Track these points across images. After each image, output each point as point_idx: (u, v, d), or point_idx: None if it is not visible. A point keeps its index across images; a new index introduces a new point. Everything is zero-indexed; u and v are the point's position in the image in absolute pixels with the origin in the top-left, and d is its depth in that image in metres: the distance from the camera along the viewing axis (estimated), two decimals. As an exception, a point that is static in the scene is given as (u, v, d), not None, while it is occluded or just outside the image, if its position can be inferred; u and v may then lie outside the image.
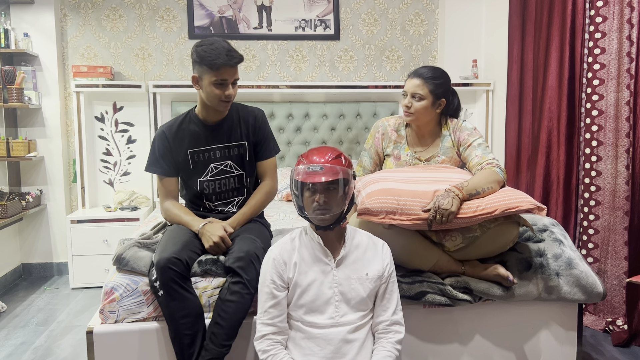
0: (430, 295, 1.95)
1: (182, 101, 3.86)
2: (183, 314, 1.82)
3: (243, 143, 2.18)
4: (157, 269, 1.83)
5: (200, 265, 1.95)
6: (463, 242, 1.97)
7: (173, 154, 2.12)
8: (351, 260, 1.72)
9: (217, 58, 2.01)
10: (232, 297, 1.82)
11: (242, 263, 1.85)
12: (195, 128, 2.14)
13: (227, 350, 1.81)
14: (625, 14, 2.66)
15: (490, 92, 3.93)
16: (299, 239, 1.75)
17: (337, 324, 1.67)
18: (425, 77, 2.13)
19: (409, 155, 2.25)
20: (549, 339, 2.10)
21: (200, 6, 3.96)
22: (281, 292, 1.69)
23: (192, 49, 2.09)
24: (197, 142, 2.13)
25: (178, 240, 1.94)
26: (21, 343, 2.75)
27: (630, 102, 2.67)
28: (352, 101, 4.03)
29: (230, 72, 2.04)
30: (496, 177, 2.00)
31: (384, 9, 4.11)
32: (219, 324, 1.80)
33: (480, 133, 2.21)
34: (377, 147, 2.30)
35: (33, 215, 3.86)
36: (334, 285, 1.68)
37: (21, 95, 3.59)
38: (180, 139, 2.13)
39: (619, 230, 2.73)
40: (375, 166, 2.32)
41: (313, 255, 1.71)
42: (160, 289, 1.83)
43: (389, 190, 1.92)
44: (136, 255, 1.98)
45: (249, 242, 1.95)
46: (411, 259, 1.98)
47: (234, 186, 2.19)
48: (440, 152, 2.23)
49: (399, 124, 2.30)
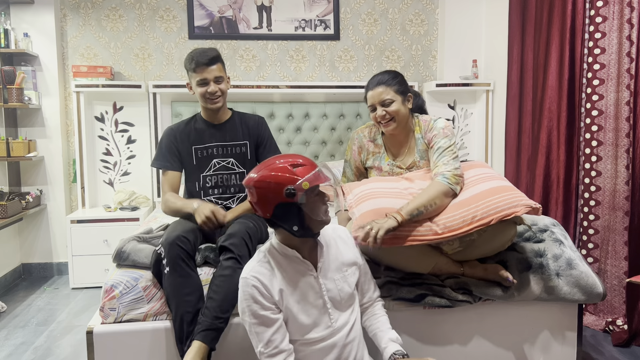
0: (430, 297, 1.95)
1: (182, 101, 3.86)
2: (187, 292, 1.87)
3: (245, 142, 2.33)
4: (165, 245, 1.89)
5: (200, 252, 2.01)
6: (460, 245, 1.97)
7: (179, 149, 2.29)
8: (329, 261, 1.67)
9: (191, 61, 2.21)
10: (225, 271, 1.86)
11: (234, 240, 1.92)
12: (200, 126, 2.33)
13: (221, 323, 1.81)
14: (625, 14, 2.66)
15: (490, 92, 3.93)
16: (273, 260, 1.61)
17: (334, 331, 1.63)
18: (384, 81, 2.10)
19: (389, 165, 2.21)
20: (549, 339, 2.10)
21: (200, 6, 3.96)
22: (277, 314, 1.56)
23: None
24: (201, 138, 2.30)
25: (186, 226, 2.03)
26: (21, 343, 2.75)
27: (630, 102, 2.67)
28: (352, 101, 4.03)
29: (207, 70, 2.19)
30: (440, 188, 1.90)
31: (384, 9, 4.11)
32: (212, 298, 1.84)
33: (449, 132, 2.07)
34: (355, 160, 2.28)
35: (33, 215, 3.86)
36: (324, 294, 1.63)
37: (21, 95, 3.59)
38: (186, 134, 2.31)
39: (619, 230, 2.73)
40: (358, 176, 2.32)
41: (294, 272, 1.61)
42: (166, 265, 1.88)
43: (381, 210, 1.89)
44: (136, 248, 2.03)
45: (241, 224, 2.03)
46: (410, 263, 1.97)
47: (235, 183, 2.31)
48: (418, 157, 2.18)
49: (374, 132, 2.25)
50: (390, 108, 2.09)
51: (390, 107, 2.09)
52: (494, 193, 1.89)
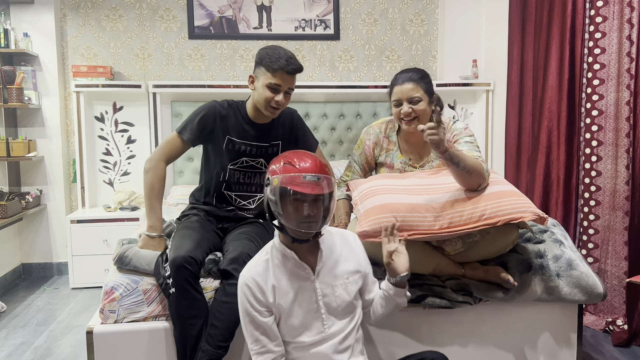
0: (431, 298, 1.95)
1: (182, 101, 3.86)
2: (191, 315, 1.83)
3: (278, 142, 2.20)
4: (172, 267, 1.83)
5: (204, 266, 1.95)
6: (463, 246, 1.96)
7: (214, 129, 2.13)
8: (330, 266, 1.63)
9: (276, 61, 2.02)
10: (228, 298, 1.82)
11: (236, 265, 1.85)
12: (241, 121, 2.16)
13: (224, 351, 1.80)
14: (625, 14, 2.66)
15: (490, 92, 3.92)
16: (271, 258, 1.61)
17: (326, 337, 1.59)
18: (415, 79, 2.09)
19: (402, 163, 2.21)
20: (549, 340, 2.10)
21: (200, 6, 3.95)
22: (266, 317, 1.55)
23: (257, 52, 2.11)
24: (238, 134, 2.15)
25: (193, 237, 1.97)
26: (21, 343, 2.75)
27: (630, 102, 2.67)
28: (352, 101, 4.03)
29: (285, 78, 2.03)
30: (480, 169, 1.88)
31: (384, 8, 4.11)
32: (215, 326, 1.81)
33: (470, 132, 2.11)
34: (367, 155, 2.26)
35: (33, 215, 3.86)
36: (319, 298, 1.59)
37: (21, 95, 3.59)
38: (226, 121, 2.14)
39: (619, 230, 2.73)
40: (364, 173, 2.29)
41: (290, 272, 1.59)
42: (172, 286, 1.83)
43: (386, 206, 1.88)
44: (138, 254, 1.98)
45: (243, 243, 1.95)
46: (410, 263, 1.96)
47: (259, 182, 2.21)
48: (433, 157, 2.19)
49: (389, 128, 2.25)
50: (418, 107, 2.07)
51: (418, 105, 2.07)
52: (504, 196, 1.89)
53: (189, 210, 2.24)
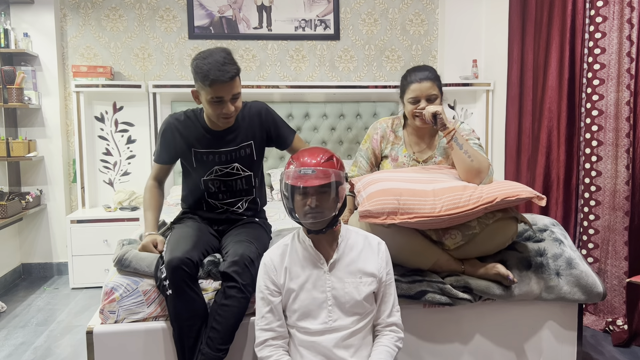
0: (431, 294, 1.95)
1: (182, 101, 3.86)
2: (189, 316, 1.83)
3: (249, 143, 2.12)
4: (168, 268, 1.82)
5: (202, 267, 1.94)
6: (463, 239, 1.97)
7: (177, 145, 2.08)
8: (345, 263, 1.67)
9: (208, 74, 1.84)
10: (228, 301, 1.81)
11: (237, 267, 1.84)
12: (201, 131, 2.07)
13: (223, 354, 1.80)
14: (625, 14, 2.66)
15: (490, 92, 3.93)
16: (291, 243, 1.72)
17: (329, 329, 1.63)
18: (432, 77, 2.16)
19: (406, 157, 2.25)
20: (549, 339, 2.10)
21: (200, 6, 3.96)
22: (275, 297, 1.66)
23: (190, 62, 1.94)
24: (202, 144, 2.07)
25: (189, 238, 1.95)
26: (21, 343, 2.75)
27: (630, 102, 2.67)
28: (352, 101, 4.03)
29: (225, 88, 1.88)
30: (483, 159, 2.00)
31: (384, 9, 4.11)
32: (214, 328, 1.80)
33: (477, 135, 2.21)
34: (374, 148, 2.30)
35: (33, 215, 3.86)
36: (327, 290, 1.64)
37: (21, 95, 3.59)
38: (186, 133, 2.07)
39: (619, 230, 2.73)
40: (371, 167, 2.33)
41: (304, 259, 1.67)
42: (169, 288, 1.83)
43: (389, 190, 1.92)
44: (138, 256, 1.98)
45: (244, 246, 1.93)
46: (411, 258, 1.98)
47: (242, 187, 2.15)
48: (437, 153, 2.23)
49: (396, 124, 2.31)
50: (434, 104, 2.15)
51: (434, 103, 2.15)
52: (502, 182, 2.00)
53: (182, 214, 2.23)
